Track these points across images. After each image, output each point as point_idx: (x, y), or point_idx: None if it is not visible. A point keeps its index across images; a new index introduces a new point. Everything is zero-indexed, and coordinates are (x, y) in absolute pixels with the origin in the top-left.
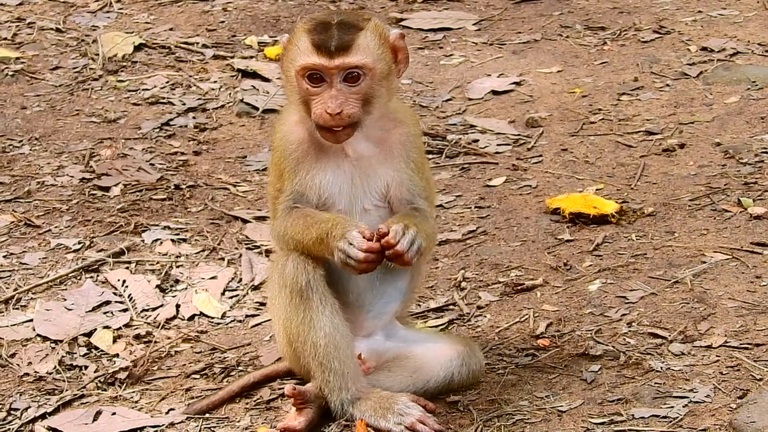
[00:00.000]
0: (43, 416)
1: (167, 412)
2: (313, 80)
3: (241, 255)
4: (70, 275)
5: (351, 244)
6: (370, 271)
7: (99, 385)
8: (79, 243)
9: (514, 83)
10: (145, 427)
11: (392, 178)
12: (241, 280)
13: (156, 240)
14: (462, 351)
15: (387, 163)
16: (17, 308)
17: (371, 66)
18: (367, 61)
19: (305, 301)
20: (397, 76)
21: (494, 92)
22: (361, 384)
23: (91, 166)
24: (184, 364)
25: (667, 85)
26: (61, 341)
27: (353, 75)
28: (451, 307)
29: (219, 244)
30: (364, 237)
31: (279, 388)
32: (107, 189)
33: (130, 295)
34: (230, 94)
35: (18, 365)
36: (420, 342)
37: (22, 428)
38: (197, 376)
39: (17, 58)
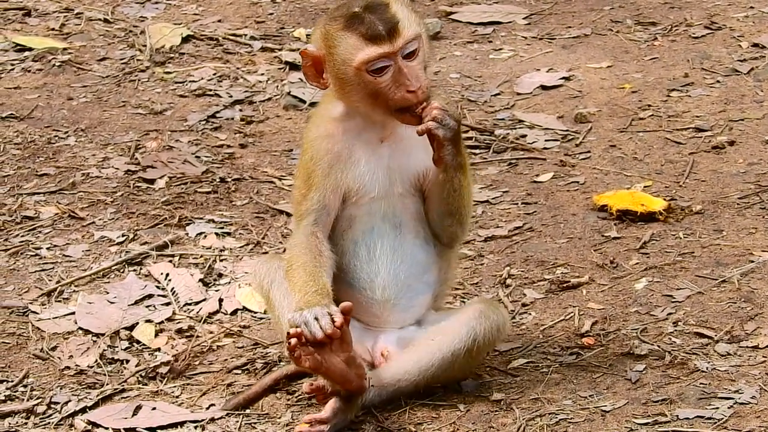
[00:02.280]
0: (83, 410)
1: (208, 408)
2: (377, 71)
3: (285, 249)
4: (113, 268)
5: (317, 319)
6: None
7: (140, 379)
8: (123, 235)
9: (564, 78)
10: (185, 422)
11: (429, 160)
12: None
13: (200, 233)
14: (482, 308)
15: (422, 146)
16: (59, 301)
17: (420, 32)
18: (417, 30)
19: (270, 301)
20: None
21: (543, 87)
22: None
23: (136, 158)
24: (226, 359)
25: (718, 81)
26: (103, 335)
27: (411, 50)
28: None
29: (263, 238)
30: (334, 321)
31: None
32: (152, 181)
33: (173, 288)
34: (277, 86)
35: (59, 358)
36: (446, 317)
37: (62, 422)
38: (239, 372)
39: (65, 49)
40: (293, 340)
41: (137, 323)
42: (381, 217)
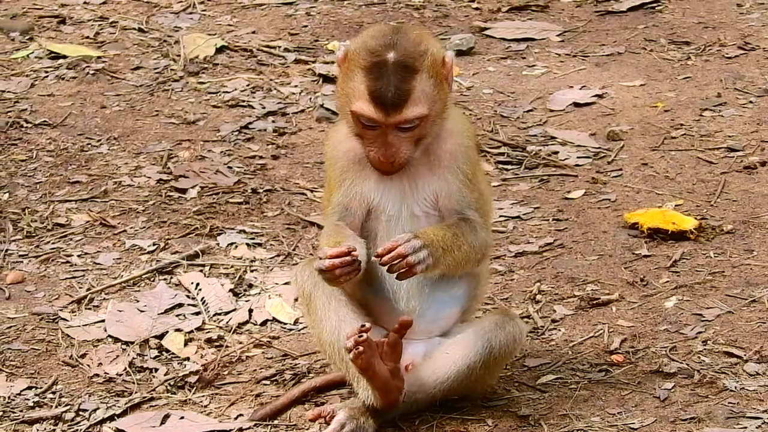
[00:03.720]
0: (111, 418)
1: (236, 418)
2: (367, 126)
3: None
4: (143, 276)
5: (320, 258)
6: (345, 281)
7: (168, 388)
8: (154, 244)
9: (596, 96)
10: (213, 431)
11: (440, 188)
12: None
13: (231, 244)
14: (497, 319)
15: (435, 173)
16: (89, 308)
17: (427, 113)
18: (423, 111)
19: (313, 302)
20: (449, 91)
21: (576, 104)
22: None
23: (168, 168)
24: (255, 370)
25: (751, 101)
26: (132, 343)
27: (407, 126)
28: (525, 319)
29: (294, 250)
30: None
31: (347, 396)
32: (184, 191)
33: (203, 298)
34: (310, 98)
35: (88, 366)
36: (464, 328)
37: (90, 429)
38: (267, 382)
39: (99, 57)
40: (351, 342)
41: (167, 332)
42: (401, 234)
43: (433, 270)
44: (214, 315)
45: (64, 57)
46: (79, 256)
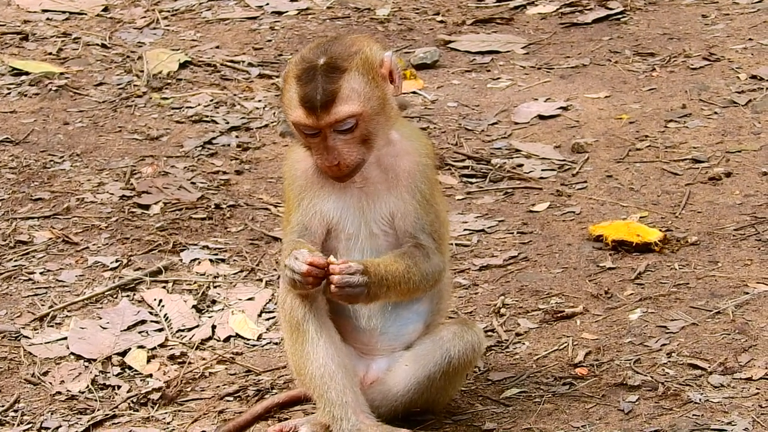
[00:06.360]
0: None
1: None
2: (308, 135)
3: (279, 276)
4: (106, 293)
5: (296, 258)
6: (310, 290)
7: (131, 405)
8: (117, 261)
9: (561, 108)
10: None
11: (397, 208)
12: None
13: (194, 260)
14: (456, 329)
15: (392, 192)
16: (52, 326)
17: (360, 111)
18: (354, 109)
19: (301, 334)
20: (396, 94)
21: (541, 117)
22: (363, 415)
23: (131, 184)
24: (218, 386)
25: (715, 112)
26: (95, 360)
27: (344, 127)
28: (489, 333)
29: (257, 265)
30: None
31: (311, 411)
32: (147, 207)
33: (166, 314)
34: (274, 113)
35: (50, 383)
36: (423, 340)
37: None
38: (231, 399)
39: (62, 74)
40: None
41: (129, 349)
42: (360, 253)
43: (372, 299)
44: (177, 331)
45: (27, 73)
46: (41, 273)
